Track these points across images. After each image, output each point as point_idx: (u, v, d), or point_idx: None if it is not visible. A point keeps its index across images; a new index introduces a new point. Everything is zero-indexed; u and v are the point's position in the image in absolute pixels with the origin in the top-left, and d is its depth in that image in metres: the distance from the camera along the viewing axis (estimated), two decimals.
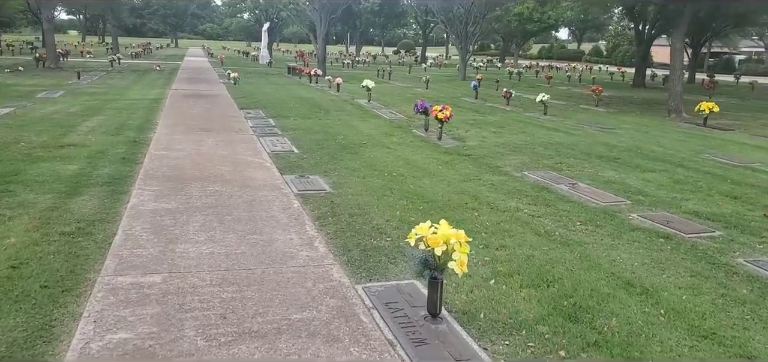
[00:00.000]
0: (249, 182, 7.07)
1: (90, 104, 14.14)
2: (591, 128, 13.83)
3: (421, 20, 57.59)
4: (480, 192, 7.18)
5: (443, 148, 10.26)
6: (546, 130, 12.98)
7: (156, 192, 6.36)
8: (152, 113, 12.89)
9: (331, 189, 6.98)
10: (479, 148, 10.35)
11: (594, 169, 8.90)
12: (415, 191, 7.05)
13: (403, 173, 8.05)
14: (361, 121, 13.31)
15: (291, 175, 7.66)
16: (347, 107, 15.99)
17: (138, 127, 10.78)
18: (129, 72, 27.68)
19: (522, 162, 9.27)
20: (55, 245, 4.68)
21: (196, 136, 10.13)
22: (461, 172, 8.37)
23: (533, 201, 6.82)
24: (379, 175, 7.92)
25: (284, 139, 10.34)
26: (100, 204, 5.86)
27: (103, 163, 7.65)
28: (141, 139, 9.61)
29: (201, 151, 8.82)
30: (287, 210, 6.00)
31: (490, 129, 12.81)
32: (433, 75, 32.94)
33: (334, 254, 4.82)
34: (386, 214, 6.01)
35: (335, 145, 10.11)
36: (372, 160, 8.88)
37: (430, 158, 9.30)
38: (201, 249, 4.74)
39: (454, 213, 6.17)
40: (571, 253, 5.12)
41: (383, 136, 11.30)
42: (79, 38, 80.00)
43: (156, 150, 8.68)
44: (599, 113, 17.82)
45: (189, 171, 7.45)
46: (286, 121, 12.63)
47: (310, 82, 24.55)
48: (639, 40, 30.62)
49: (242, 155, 8.72)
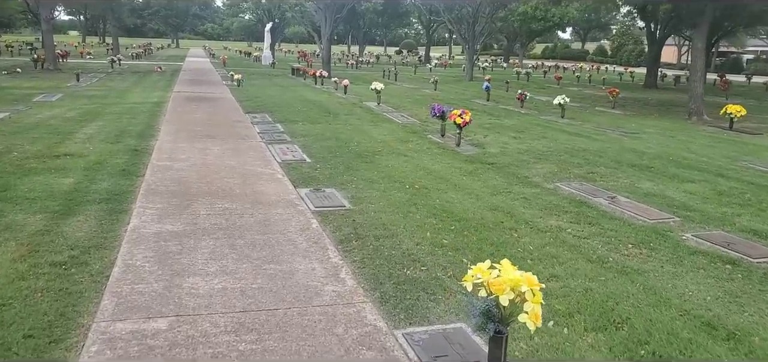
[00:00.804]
0: (261, 197, 6.44)
1: (88, 108, 13.53)
2: (613, 132, 13.20)
3: (425, 20, 57.02)
4: (514, 207, 6.55)
5: (464, 156, 9.64)
6: (567, 135, 12.35)
7: (159, 210, 5.74)
8: (154, 118, 12.28)
9: (350, 205, 6.36)
10: (502, 156, 9.72)
11: (629, 180, 8.28)
12: (443, 207, 6.43)
13: (425, 185, 7.43)
14: (373, 126, 12.69)
15: (305, 188, 7.05)
16: (356, 110, 15.37)
17: (139, 134, 10.17)
18: (129, 73, 27.07)
19: (550, 171, 8.64)
20: (45, 279, 4.06)
21: (201, 143, 9.51)
22: (488, 183, 7.74)
23: (575, 219, 6.20)
24: (400, 187, 7.30)
25: (294, 147, 9.72)
26: (97, 226, 5.24)
27: (101, 176, 7.03)
28: (142, 147, 9.00)
29: (207, 160, 8.20)
30: (305, 231, 5.38)
31: (509, 134, 12.18)
32: (439, 76, 32.30)
33: (364, 289, 4.20)
34: (415, 236, 5.39)
35: (349, 152, 9.49)
36: (390, 170, 8.26)
37: (452, 167, 8.68)
38: (212, 283, 4.12)
39: (490, 233, 5.55)
40: (633, 284, 4.49)
41: (398, 143, 10.68)
42: (79, 39, 79.47)
43: (158, 160, 8.06)
44: (617, 116, 17.19)
45: (195, 185, 6.83)
46: (295, 126, 12.01)
47: (315, 84, 23.93)
48: (651, 40, 29.96)
49: (251, 165, 8.10)
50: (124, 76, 25.03)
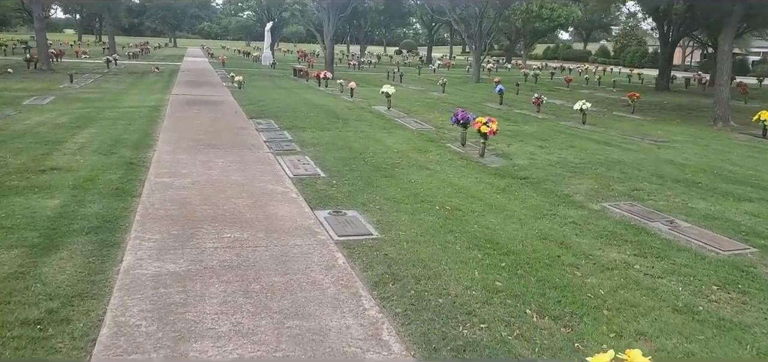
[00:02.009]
0: (275, 223, 5.59)
1: (81, 113, 12.65)
2: (642, 141, 12.38)
3: (427, 20, 56.17)
4: (565, 235, 5.71)
5: (491, 169, 8.81)
6: (596, 144, 11.52)
7: (158, 243, 4.88)
8: (151, 124, 11.41)
9: (378, 232, 5.52)
10: (532, 169, 8.88)
11: (680, 198, 7.45)
12: (484, 234, 5.59)
13: (458, 206, 6.59)
14: (387, 134, 11.84)
15: (324, 210, 6.20)
16: (366, 116, 14.52)
17: (135, 144, 9.30)
18: (126, 74, 26.16)
19: (591, 188, 7.81)
20: (12, 347, 3.21)
21: (204, 155, 8.65)
22: (527, 203, 6.90)
23: (638, 251, 5.36)
24: (430, 207, 6.46)
25: (306, 159, 8.87)
26: (83, 265, 4.38)
27: (91, 197, 6.17)
28: (138, 159, 8.13)
29: (211, 176, 7.34)
30: (331, 270, 4.53)
31: (533, 142, 11.35)
32: (445, 77, 31.46)
33: (414, 357, 3.35)
34: (462, 276, 4.54)
35: (365, 165, 8.65)
36: (414, 186, 7.42)
37: (481, 183, 7.84)
38: (225, 350, 3.27)
39: (548, 272, 4.71)
40: (741, 346, 3.66)
41: (417, 153, 9.84)
42: (75, 37, 78.42)
43: (157, 176, 7.19)
44: (639, 121, 16.38)
45: (199, 207, 5.97)
46: (303, 134, 11.15)
47: (318, 86, 23.07)
48: (664, 42, 29.14)
49: (261, 181, 7.24)
50: (121, 77, 24.13)
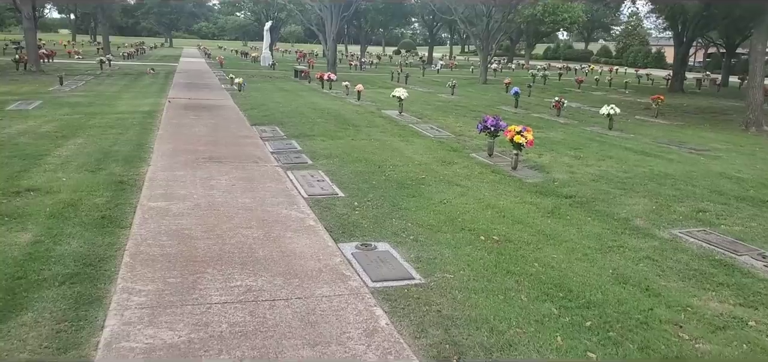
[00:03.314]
0: (295, 263, 4.57)
1: (69, 120, 11.59)
2: (680, 149, 11.41)
3: (428, 19, 55.15)
4: (646, 277, 4.71)
5: (529, 185, 7.80)
6: (633, 154, 10.53)
7: (151, 297, 3.86)
8: (145, 133, 10.36)
9: (420, 275, 4.51)
10: (575, 184, 7.89)
11: (756, 222, 6.47)
12: (550, 277, 4.58)
13: (506, 235, 5.58)
14: (403, 142, 10.82)
15: (350, 242, 5.19)
16: (377, 121, 13.49)
17: (126, 157, 8.26)
18: (119, 75, 25.07)
19: (649, 209, 6.82)
20: None
21: (204, 170, 7.62)
22: (584, 229, 5.90)
23: (743, 298, 4.37)
24: (473, 238, 5.46)
25: (319, 174, 7.85)
26: (51, 335, 3.35)
27: (71, 229, 5.12)
28: (129, 177, 7.09)
29: (214, 198, 6.31)
30: (373, 335, 3.52)
31: (565, 152, 10.35)
32: (449, 78, 30.47)
33: None
34: (543, 345, 3.54)
35: (387, 180, 7.64)
36: (448, 209, 6.42)
37: (524, 203, 6.84)
38: None
39: (646, 333, 3.72)
40: None
41: (441, 165, 8.83)
42: (69, 37, 77.14)
43: (150, 199, 6.16)
44: (666, 126, 15.41)
45: (201, 242, 4.94)
46: (313, 143, 10.13)
47: (322, 88, 22.02)
48: (678, 42, 28.17)
49: (272, 204, 6.22)
50: (114, 79, 23.04)
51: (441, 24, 60.96)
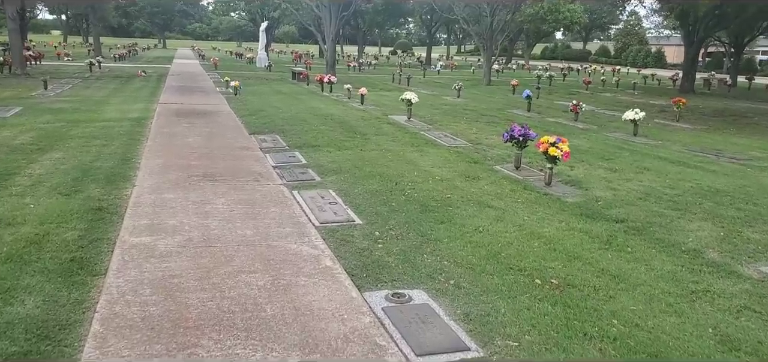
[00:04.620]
0: (313, 327, 3.57)
1: (49, 129, 10.54)
2: (719, 159, 10.46)
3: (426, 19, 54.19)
4: (759, 340, 3.73)
5: (570, 205, 6.82)
6: (671, 165, 9.57)
7: None
8: (132, 145, 9.33)
9: (476, 345, 3.52)
10: (622, 205, 6.91)
11: None
12: (640, 343, 3.60)
13: (566, 277, 4.60)
14: (417, 152, 9.83)
15: (377, 290, 4.21)
16: (386, 128, 12.49)
17: (109, 175, 7.22)
18: (109, 78, 23.98)
19: (715, 236, 5.85)
20: None
21: (198, 191, 6.60)
22: (654, 266, 4.93)
23: None
24: (529, 283, 4.47)
25: (330, 194, 6.84)
26: None
27: (29, 279, 4.09)
28: (110, 202, 6.06)
29: (209, 230, 5.29)
30: None
31: (597, 163, 9.39)
32: (450, 79, 29.52)
33: None
34: None
35: (407, 201, 6.65)
36: (488, 240, 5.43)
37: (572, 230, 5.85)
38: None
39: None
40: None
41: (465, 181, 7.85)
42: (61, 39, 75.75)
43: (133, 232, 5.13)
44: (694, 132, 14.49)
45: (193, 295, 3.93)
46: (319, 155, 9.13)
47: (322, 91, 21.00)
48: (688, 42, 27.28)
49: (278, 236, 5.21)
50: (103, 82, 21.95)
51: (439, 24, 59.99)
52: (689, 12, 24.32)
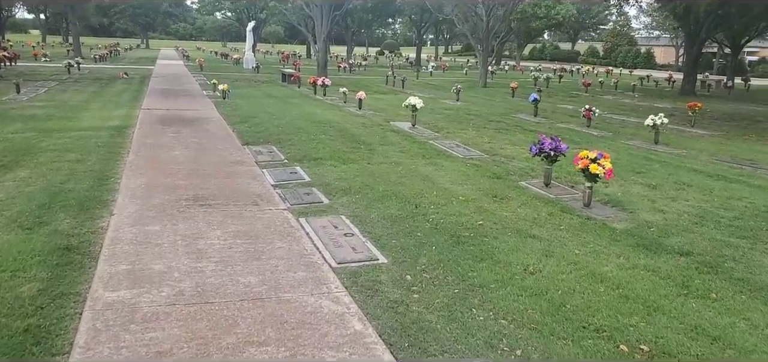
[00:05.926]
0: None
1: (16, 141, 9.41)
2: (755, 169, 9.66)
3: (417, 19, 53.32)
4: None
5: (621, 233, 5.91)
6: (710, 179, 8.72)
7: None
8: (111, 160, 8.25)
9: None
10: (676, 231, 6.02)
11: None
12: None
13: (654, 339, 3.70)
14: (431, 166, 8.88)
15: None
16: (390, 136, 11.51)
17: (81, 201, 6.16)
18: (89, 81, 22.71)
19: None
20: None
21: (189, 221, 5.57)
22: (756, 323, 4.03)
23: None
24: (612, 349, 3.62)
25: (344, 221, 5.85)
26: None
27: None
28: (82, 239, 5.01)
29: (204, 277, 4.28)
30: None
31: (630, 177, 8.50)
32: (444, 81, 28.65)
33: None
34: None
35: (433, 229, 5.70)
36: (543, 285, 4.49)
37: (636, 269, 4.93)
38: None
39: None
40: None
41: (493, 201, 6.91)
42: (39, 38, 73.62)
43: (108, 284, 4.09)
44: (712, 139, 13.72)
45: None
46: (323, 170, 8.13)
47: (315, 94, 19.96)
48: (690, 43, 26.64)
49: (290, 284, 4.21)
50: (81, 85, 20.69)
51: (429, 24, 59.13)
52: (690, 12, 23.67)
